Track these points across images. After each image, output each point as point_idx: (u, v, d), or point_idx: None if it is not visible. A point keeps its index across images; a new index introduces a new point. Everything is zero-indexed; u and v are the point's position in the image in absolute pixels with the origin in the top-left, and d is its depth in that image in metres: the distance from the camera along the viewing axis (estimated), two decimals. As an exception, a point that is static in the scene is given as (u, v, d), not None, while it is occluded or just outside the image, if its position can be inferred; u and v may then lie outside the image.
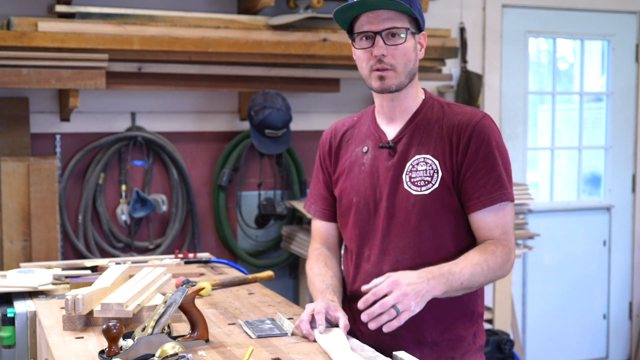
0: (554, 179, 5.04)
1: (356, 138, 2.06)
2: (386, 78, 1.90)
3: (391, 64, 1.89)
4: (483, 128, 1.90)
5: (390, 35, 1.89)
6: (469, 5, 4.63)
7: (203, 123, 4.12)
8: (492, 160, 1.90)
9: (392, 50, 1.89)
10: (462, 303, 1.97)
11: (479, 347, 2.02)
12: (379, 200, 1.96)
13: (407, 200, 1.92)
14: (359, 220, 2.00)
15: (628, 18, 5.09)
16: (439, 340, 1.95)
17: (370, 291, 1.74)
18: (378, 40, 1.88)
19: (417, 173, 1.92)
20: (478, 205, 1.89)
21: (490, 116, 1.95)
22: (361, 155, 2.02)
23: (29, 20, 3.48)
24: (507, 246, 1.90)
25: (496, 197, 1.89)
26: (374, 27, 1.89)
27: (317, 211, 2.15)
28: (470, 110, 1.96)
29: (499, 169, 1.90)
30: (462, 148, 1.89)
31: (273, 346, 1.74)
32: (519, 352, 4.49)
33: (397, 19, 1.89)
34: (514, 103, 4.83)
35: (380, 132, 2.01)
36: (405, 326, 1.92)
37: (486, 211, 1.90)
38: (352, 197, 2.01)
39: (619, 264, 5.20)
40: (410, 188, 1.92)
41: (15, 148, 3.67)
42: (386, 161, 1.96)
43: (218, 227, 4.16)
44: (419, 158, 1.93)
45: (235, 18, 3.86)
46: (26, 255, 3.59)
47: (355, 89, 4.34)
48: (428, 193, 1.90)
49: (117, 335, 1.61)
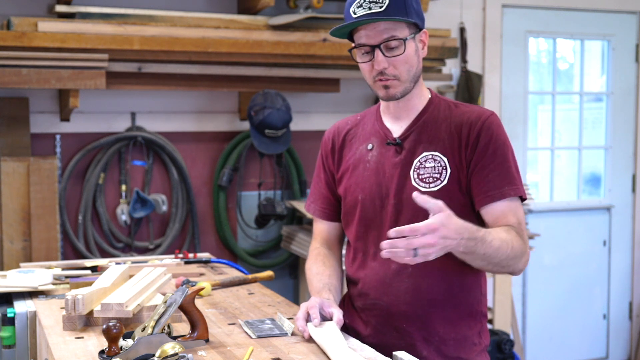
0: (554, 179, 5.05)
1: (360, 136, 2.05)
2: (390, 87, 1.90)
3: (394, 75, 1.88)
4: (492, 124, 1.90)
5: (388, 47, 1.87)
6: (469, 5, 4.63)
7: (203, 123, 4.12)
8: (502, 155, 1.89)
9: (393, 61, 1.87)
10: (468, 303, 1.97)
11: (484, 347, 2.02)
12: (385, 196, 1.95)
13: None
14: (365, 218, 1.98)
15: (628, 18, 5.09)
16: (446, 339, 1.95)
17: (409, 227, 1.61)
18: (377, 53, 1.86)
19: (426, 170, 1.91)
20: (487, 200, 1.87)
21: (497, 114, 1.94)
22: (366, 152, 2.01)
23: (29, 20, 3.48)
24: (523, 237, 1.86)
25: (506, 192, 1.87)
26: (372, 40, 1.87)
27: (316, 210, 2.14)
28: (478, 108, 1.96)
29: (509, 163, 1.90)
30: (472, 142, 1.89)
31: (273, 346, 1.74)
32: (519, 352, 4.49)
33: (395, 27, 1.86)
34: (514, 103, 4.83)
35: (386, 130, 2.00)
36: (412, 323, 1.93)
37: (497, 204, 1.87)
38: (358, 194, 1.99)
39: (619, 264, 5.20)
40: (419, 185, 1.91)
41: (15, 148, 3.67)
42: (393, 158, 1.95)
43: (218, 227, 4.16)
44: (427, 155, 1.92)
45: (235, 18, 3.86)
46: (26, 255, 3.59)
47: (355, 89, 4.34)
48: (437, 190, 1.89)
49: (117, 335, 1.61)
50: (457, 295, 1.94)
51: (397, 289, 1.91)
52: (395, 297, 1.93)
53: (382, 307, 1.95)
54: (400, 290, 1.91)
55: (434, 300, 1.93)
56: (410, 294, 1.92)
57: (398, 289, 1.91)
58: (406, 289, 1.91)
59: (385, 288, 1.94)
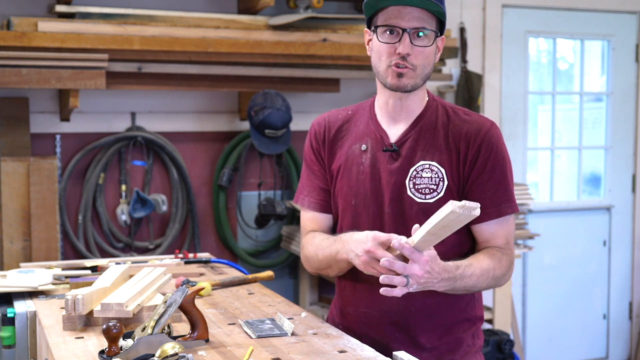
0: (554, 179, 5.04)
1: (353, 133, 1.99)
2: (404, 76, 1.84)
3: (412, 64, 1.83)
4: (492, 138, 1.88)
5: (417, 35, 1.82)
6: (469, 5, 4.63)
7: (203, 123, 4.12)
8: (500, 172, 1.88)
9: (417, 51, 1.83)
10: (462, 309, 1.96)
11: (478, 348, 2.01)
12: (380, 204, 1.91)
13: (411, 207, 1.88)
14: (357, 223, 1.93)
15: (628, 18, 5.09)
16: (438, 344, 1.94)
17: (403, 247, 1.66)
18: (405, 37, 1.81)
19: (422, 180, 1.88)
20: (484, 217, 1.86)
21: (496, 124, 1.92)
22: (359, 153, 1.95)
23: (29, 20, 3.48)
24: (510, 256, 1.90)
25: (503, 210, 1.87)
26: (404, 23, 1.81)
27: (311, 202, 2.03)
28: (477, 117, 1.92)
29: (507, 180, 1.89)
30: (471, 158, 1.87)
31: (273, 346, 1.73)
32: (519, 352, 4.49)
33: (427, 19, 1.82)
34: (514, 103, 4.83)
35: (382, 132, 1.94)
36: (404, 331, 1.92)
37: (492, 223, 1.88)
38: (351, 199, 1.94)
39: (619, 264, 5.20)
40: (414, 195, 1.88)
41: (15, 148, 3.67)
42: (388, 164, 1.91)
43: (218, 227, 4.16)
44: (424, 164, 1.89)
45: (235, 18, 3.86)
46: (26, 255, 3.59)
47: (355, 89, 4.34)
48: (433, 201, 1.87)
49: (117, 335, 1.61)
50: (450, 301, 1.93)
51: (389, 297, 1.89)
52: (387, 305, 1.91)
53: (373, 316, 1.95)
54: (392, 299, 1.86)
55: (426, 309, 1.92)
56: (402, 303, 1.89)
57: (390, 297, 1.88)
58: (399, 297, 1.88)
59: (377, 294, 1.86)
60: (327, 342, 1.77)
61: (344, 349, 1.71)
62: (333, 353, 1.69)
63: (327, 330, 1.87)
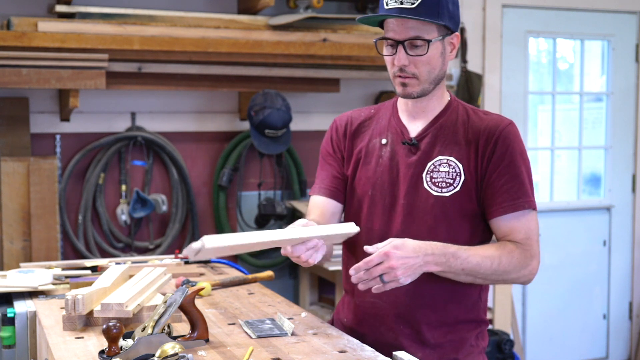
0: (554, 179, 5.04)
1: (374, 129, 2.02)
2: (408, 85, 1.88)
3: (413, 73, 1.86)
4: (509, 134, 1.89)
5: (413, 45, 1.84)
6: (469, 5, 4.63)
7: (203, 123, 4.12)
8: (516, 167, 1.88)
9: (414, 60, 1.85)
10: (470, 309, 1.97)
11: (482, 350, 2.02)
12: (396, 196, 1.93)
13: (426, 200, 1.90)
14: (372, 214, 1.96)
15: (628, 18, 5.09)
16: (442, 342, 1.95)
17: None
18: (400, 50, 1.85)
19: (439, 174, 1.90)
20: (500, 211, 1.87)
21: (515, 124, 1.93)
22: (379, 147, 1.99)
23: (29, 20, 3.48)
24: (528, 251, 1.87)
25: (519, 204, 1.87)
26: (398, 35, 1.84)
27: (321, 188, 2.03)
28: (497, 116, 1.94)
29: (523, 176, 1.89)
30: (488, 153, 1.88)
31: (273, 346, 1.74)
32: (519, 352, 4.49)
33: (424, 28, 1.83)
34: (514, 103, 4.83)
35: (403, 127, 1.98)
36: (409, 325, 1.93)
37: (508, 217, 1.88)
38: (368, 188, 1.97)
39: (619, 264, 5.20)
40: (431, 188, 1.90)
41: (15, 148, 3.67)
42: (407, 157, 1.94)
43: (218, 227, 4.16)
44: (442, 159, 1.91)
45: (235, 18, 3.86)
46: (26, 255, 3.59)
47: (356, 89, 4.35)
48: (449, 195, 1.88)
49: (117, 335, 1.61)
50: (455, 300, 1.94)
51: (396, 289, 1.91)
52: (395, 297, 1.92)
53: (380, 307, 1.95)
54: (400, 291, 1.90)
55: (433, 304, 1.93)
56: (410, 296, 1.92)
57: (398, 290, 1.90)
58: (406, 291, 1.90)
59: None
60: (327, 342, 1.77)
61: (344, 349, 1.71)
62: (333, 353, 1.69)
63: (327, 330, 1.88)
